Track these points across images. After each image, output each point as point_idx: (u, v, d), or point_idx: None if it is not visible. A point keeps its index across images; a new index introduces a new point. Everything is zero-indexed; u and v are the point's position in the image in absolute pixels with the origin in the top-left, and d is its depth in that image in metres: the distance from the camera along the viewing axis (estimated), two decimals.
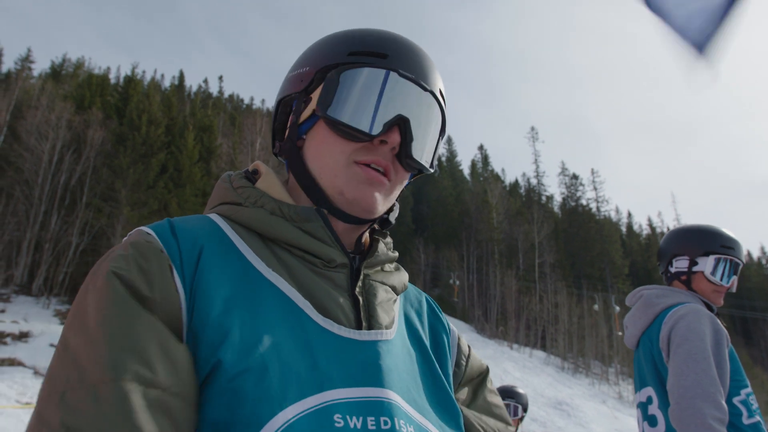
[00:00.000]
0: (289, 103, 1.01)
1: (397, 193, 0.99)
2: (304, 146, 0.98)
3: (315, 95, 0.95)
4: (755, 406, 2.38)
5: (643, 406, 2.53)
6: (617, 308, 50.82)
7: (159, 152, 37.57)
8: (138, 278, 0.75)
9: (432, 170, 1.01)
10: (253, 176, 1.02)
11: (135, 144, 36.28)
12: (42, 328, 25.04)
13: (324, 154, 0.93)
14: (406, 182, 1.01)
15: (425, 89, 0.94)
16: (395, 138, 0.91)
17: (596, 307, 52.08)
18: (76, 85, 47.55)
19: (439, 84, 0.99)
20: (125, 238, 0.84)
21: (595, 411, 31.50)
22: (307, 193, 0.96)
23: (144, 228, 0.84)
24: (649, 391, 2.49)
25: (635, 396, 2.68)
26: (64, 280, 32.34)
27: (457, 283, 56.68)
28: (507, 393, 5.36)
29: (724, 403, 2.15)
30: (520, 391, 5.46)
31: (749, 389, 2.41)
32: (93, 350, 0.68)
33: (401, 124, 0.91)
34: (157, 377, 0.68)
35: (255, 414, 0.70)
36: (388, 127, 0.90)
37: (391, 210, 1.05)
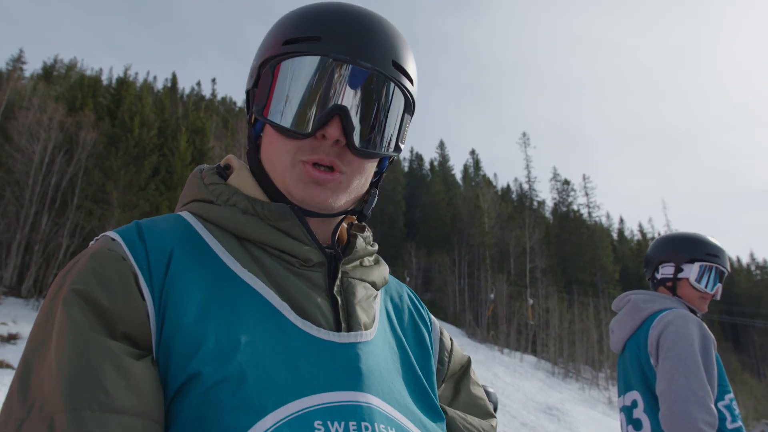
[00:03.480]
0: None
1: (360, 182, 0.93)
2: (262, 144, 0.94)
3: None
4: (737, 411, 2.43)
5: (627, 410, 2.56)
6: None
7: (151, 154, 37.43)
8: (98, 290, 0.72)
9: (396, 154, 0.94)
10: (225, 171, 0.98)
11: (127, 146, 36.14)
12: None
13: (272, 154, 0.90)
14: (375, 167, 0.96)
15: (367, 68, 0.85)
16: (334, 131, 0.84)
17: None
18: (68, 86, 47.24)
19: (392, 56, 0.88)
20: (91, 244, 0.82)
21: (585, 416, 31.56)
22: (267, 193, 0.92)
23: (109, 234, 0.81)
24: (635, 395, 2.52)
25: (618, 400, 2.70)
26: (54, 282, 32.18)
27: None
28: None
29: (713, 407, 2.19)
30: (490, 389, 5.43)
31: (732, 394, 2.45)
32: (49, 378, 0.66)
33: (340, 114, 0.84)
34: (115, 401, 0.65)
35: (233, 425, 0.68)
36: (324, 120, 0.83)
37: (365, 201, 0.98)
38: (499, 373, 35.84)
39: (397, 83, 0.89)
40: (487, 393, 5.37)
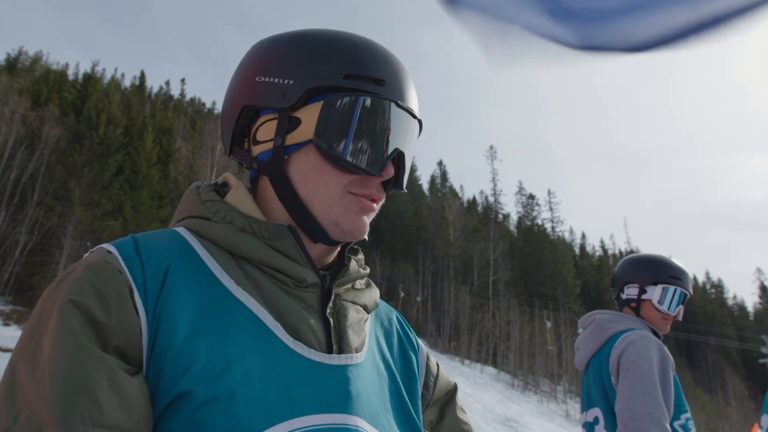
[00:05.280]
0: (257, 110, 0.93)
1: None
2: (289, 168, 0.90)
3: (305, 117, 0.88)
4: (693, 430, 2.52)
5: (589, 426, 2.62)
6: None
7: (116, 153, 36.79)
8: (94, 303, 0.71)
9: (405, 190, 0.99)
10: (222, 189, 0.97)
11: (92, 143, 35.44)
12: None
13: (316, 183, 0.88)
14: None
15: (417, 119, 0.93)
16: (390, 172, 0.89)
17: (549, 324, 52.72)
18: (32, 79, 46.30)
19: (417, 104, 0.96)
20: (85, 255, 0.81)
21: (542, 428, 31.88)
22: (295, 218, 0.91)
23: (105, 246, 0.80)
24: (596, 411, 2.58)
25: (581, 416, 2.77)
26: (9, 279, 31.34)
27: (419, 299, 56.71)
28: None
29: (668, 426, 2.27)
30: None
31: (689, 414, 2.54)
32: (40, 389, 0.65)
33: (397, 157, 0.91)
34: (107, 417, 0.65)
35: None
36: (387, 162, 0.89)
37: None
38: (459, 384, 35.89)
39: (419, 133, 0.98)
40: None
